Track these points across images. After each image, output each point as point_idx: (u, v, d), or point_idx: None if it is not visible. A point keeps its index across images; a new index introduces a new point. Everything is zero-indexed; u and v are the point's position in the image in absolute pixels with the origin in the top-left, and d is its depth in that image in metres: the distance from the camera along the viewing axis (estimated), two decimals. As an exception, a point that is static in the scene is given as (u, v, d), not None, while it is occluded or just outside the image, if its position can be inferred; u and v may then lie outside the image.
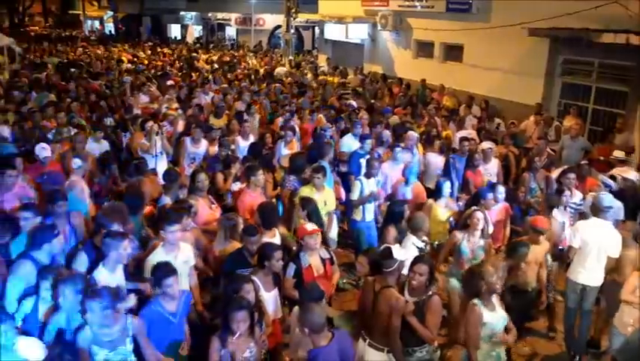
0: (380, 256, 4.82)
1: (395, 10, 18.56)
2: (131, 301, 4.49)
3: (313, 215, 6.24)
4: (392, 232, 6.09)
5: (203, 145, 8.85)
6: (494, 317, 4.61)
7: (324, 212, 6.84)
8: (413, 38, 18.30)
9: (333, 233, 7.39)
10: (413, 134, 9.17)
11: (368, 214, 7.49)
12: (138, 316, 4.34)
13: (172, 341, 4.58)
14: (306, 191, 6.90)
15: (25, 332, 4.17)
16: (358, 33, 20.82)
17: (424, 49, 17.99)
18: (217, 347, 4.16)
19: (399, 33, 18.91)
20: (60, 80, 15.02)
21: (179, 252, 5.19)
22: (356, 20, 20.53)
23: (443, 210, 7.10)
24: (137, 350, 4.28)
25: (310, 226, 5.50)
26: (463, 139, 9.13)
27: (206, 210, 6.52)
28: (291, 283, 5.27)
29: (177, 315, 4.57)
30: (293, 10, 23.45)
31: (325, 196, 7.01)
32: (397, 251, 4.75)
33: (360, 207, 7.40)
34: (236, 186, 7.20)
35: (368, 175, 7.48)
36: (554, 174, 7.99)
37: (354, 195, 7.42)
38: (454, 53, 16.57)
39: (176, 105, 11.69)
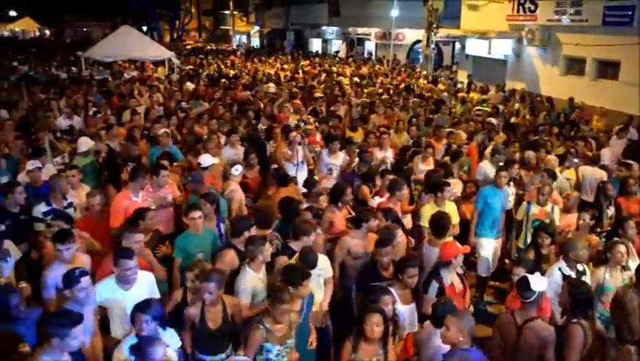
0: (517, 285, 4.53)
1: (543, 24, 17.74)
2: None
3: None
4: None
5: (339, 157, 9.06)
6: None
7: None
8: (562, 54, 17.37)
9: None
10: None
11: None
12: None
13: (300, 336, 4.78)
14: (427, 208, 6.82)
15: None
16: (502, 48, 20.20)
17: (574, 65, 16.99)
18: (349, 350, 4.30)
19: (546, 49, 18.02)
20: (211, 91, 16.17)
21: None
22: (500, 35, 19.94)
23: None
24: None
25: (457, 244, 5.42)
26: (621, 163, 8.49)
27: (342, 222, 6.63)
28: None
29: (302, 313, 4.77)
30: (434, 25, 23.31)
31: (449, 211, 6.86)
32: (536, 281, 4.42)
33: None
34: (375, 202, 7.24)
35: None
36: None
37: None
38: (608, 70, 15.46)
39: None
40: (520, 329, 4.38)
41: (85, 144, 8.25)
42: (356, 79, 20.59)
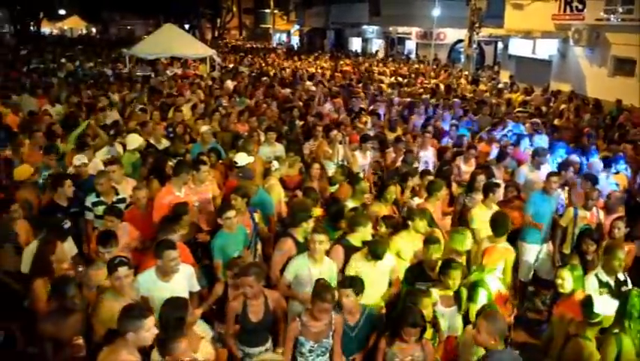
0: (581, 304, 4.35)
1: (591, 24, 17.24)
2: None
3: None
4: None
5: (367, 157, 9.06)
6: None
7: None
8: (610, 54, 16.85)
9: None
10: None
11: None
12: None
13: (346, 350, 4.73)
14: (477, 210, 6.73)
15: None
16: (546, 48, 19.74)
17: (623, 66, 16.48)
18: (384, 346, 4.36)
19: (593, 49, 17.52)
20: (252, 89, 16.31)
21: None
22: (545, 35, 19.49)
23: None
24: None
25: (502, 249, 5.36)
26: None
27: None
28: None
29: (356, 328, 4.72)
30: (477, 25, 22.94)
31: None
32: (603, 303, 4.25)
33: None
34: (414, 202, 7.18)
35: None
36: None
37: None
38: (659, 71, 14.94)
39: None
40: (569, 338, 4.30)
41: (134, 141, 8.44)
42: (399, 78, 20.44)
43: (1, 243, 5.61)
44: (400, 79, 20.29)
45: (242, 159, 7.58)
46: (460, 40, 27.89)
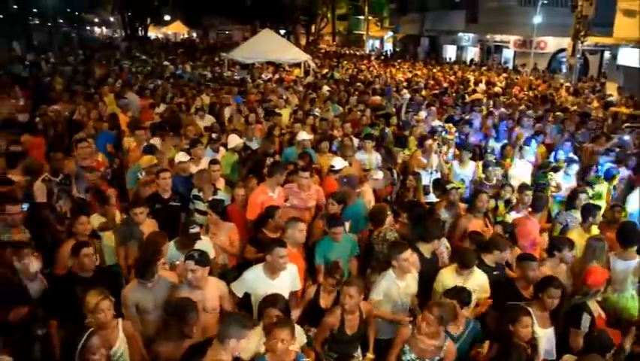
0: None
1: None
2: None
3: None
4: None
5: (470, 167, 8.77)
6: None
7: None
8: None
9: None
10: None
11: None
12: None
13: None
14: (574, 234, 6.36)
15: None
16: (661, 59, 18.41)
17: None
18: None
19: None
20: (345, 95, 16.37)
21: None
22: (660, 45, 18.20)
23: None
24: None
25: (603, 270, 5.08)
26: None
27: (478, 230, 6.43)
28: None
29: (460, 340, 4.67)
30: (582, 33, 21.80)
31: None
32: None
33: None
34: (511, 217, 6.92)
35: None
36: None
37: None
38: None
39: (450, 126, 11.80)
40: None
41: (235, 140, 8.76)
42: (497, 88, 19.80)
43: (127, 241, 5.95)
44: (496, 89, 19.64)
45: (339, 163, 7.65)
46: (563, 50, 26.64)
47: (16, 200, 5.90)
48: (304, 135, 9.11)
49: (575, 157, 9.49)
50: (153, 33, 62.16)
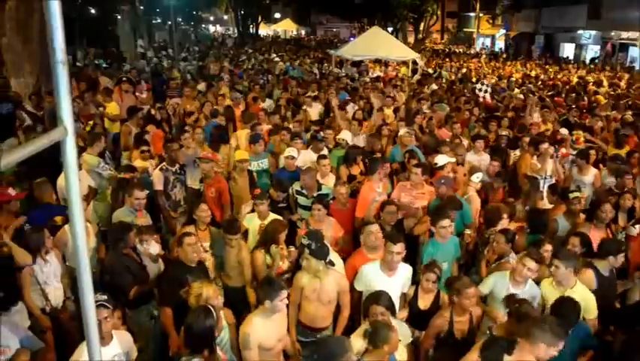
0: None
1: None
2: None
3: None
4: None
5: (589, 173, 8.17)
6: None
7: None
8: None
9: None
10: None
11: None
12: None
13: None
14: None
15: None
16: None
17: None
18: None
19: None
20: (451, 94, 15.93)
21: None
22: None
23: None
24: None
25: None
26: None
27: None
28: None
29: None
30: None
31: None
32: None
33: None
34: (635, 231, 6.35)
35: None
36: None
37: None
38: None
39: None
40: None
41: (345, 136, 8.84)
42: (619, 89, 18.35)
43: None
44: (619, 90, 18.20)
45: (442, 159, 7.47)
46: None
47: (142, 186, 6.28)
48: (403, 130, 9.03)
49: None
50: (264, 30, 64.25)
